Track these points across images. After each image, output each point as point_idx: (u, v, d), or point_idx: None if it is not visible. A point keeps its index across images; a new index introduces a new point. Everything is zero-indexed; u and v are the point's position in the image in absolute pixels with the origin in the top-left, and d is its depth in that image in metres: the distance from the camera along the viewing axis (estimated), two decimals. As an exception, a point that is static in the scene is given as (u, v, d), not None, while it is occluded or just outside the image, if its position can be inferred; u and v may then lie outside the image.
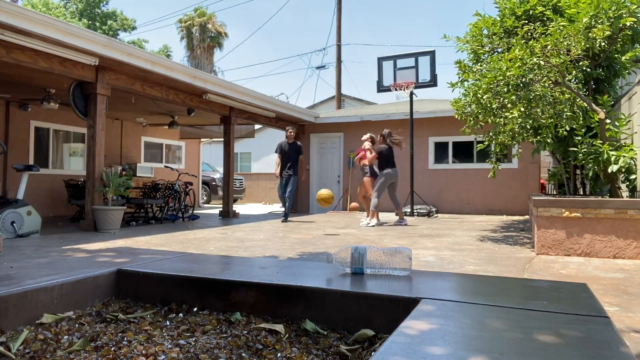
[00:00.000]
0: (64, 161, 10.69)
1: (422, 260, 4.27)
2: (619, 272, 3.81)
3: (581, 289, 1.36)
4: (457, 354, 0.82)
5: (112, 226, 6.73)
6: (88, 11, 29.76)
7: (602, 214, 4.57)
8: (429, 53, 10.21)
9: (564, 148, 6.27)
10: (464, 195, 11.36)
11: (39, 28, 5.46)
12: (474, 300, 1.21)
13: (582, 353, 0.83)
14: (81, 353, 1.12)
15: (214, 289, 1.47)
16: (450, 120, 10.09)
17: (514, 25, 6.01)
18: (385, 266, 1.52)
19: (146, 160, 12.77)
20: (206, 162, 17.82)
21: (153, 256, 1.84)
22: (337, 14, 19.12)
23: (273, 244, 5.45)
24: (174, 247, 5.21)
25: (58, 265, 1.64)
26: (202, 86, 8.40)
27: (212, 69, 29.57)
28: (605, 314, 1.09)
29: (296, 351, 1.13)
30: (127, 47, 6.78)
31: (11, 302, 1.26)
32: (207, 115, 10.64)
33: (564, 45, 4.92)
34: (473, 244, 5.56)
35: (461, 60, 6.19)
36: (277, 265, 1.71)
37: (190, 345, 1.16)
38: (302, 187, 13.25)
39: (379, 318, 1.25)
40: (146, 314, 1.44)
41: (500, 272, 3.78)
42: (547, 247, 4.74)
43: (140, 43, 31.19)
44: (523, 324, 1.00)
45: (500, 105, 5.43)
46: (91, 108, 6.88)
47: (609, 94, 6.07)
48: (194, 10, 29.57)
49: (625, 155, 4.92)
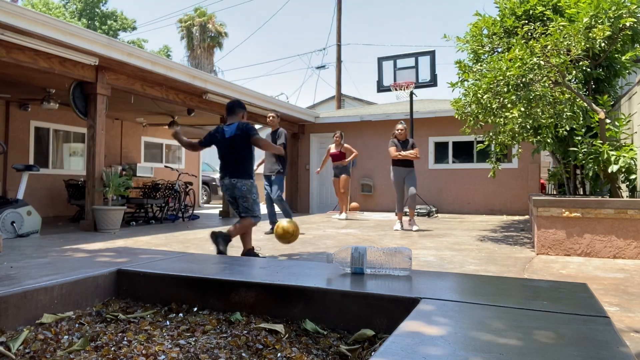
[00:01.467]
0: (64, 161, 10.69)
1: (422, 260, 4.27)
2: (619, 272, 3.81)
3: (581, 289, 1.36)
4: (457, 353, 0.82)
5: (112, 226, 6.73)
6: (88, 11, 29.76)
7: (602, 214, 4.57)
8: (429, 53, 10.21)
9: (564, 148, 6.27)
10: (464, 195, 11.36)
11: (39, 28, 5.46)
12: (474, 300, 1.21)
13: (582, 353, 0.83)
14: (81, 353, 1.12)
15: (214, 289, 1.47)
16: (450, 120, 10.09)
17: (514, 25, 6.01)
18: (385, 266, 1.52)
19: (146, 160, 12.77)
20: (206, 162, 17.81)
21: (153, 256, 1.84)
22: (337, 14, 19.12)
23: (273, 243, 5.45)
24: (174, 247, 5.21)
25: (58, 265, 1.64)
26: (202, 86, 8.40)
27: (212, 69, 29.56)
28: (605, 314, 1.09)
29: (296, 351, 1.13)
30: (127, 47, 6.78)
31: (11, 302, 1.26)
32: (207, 115, 10.64)
33: (564, 45, 4.92)
34: (473, 244, 5.56)
35: (461, 60, 6.19)
36: (277, 265, 1.71)
37: (190, 345, 1.16)
38: (302, 187, 13.25)
39: (379, 318, 1.25)
40: (146, 314, 1.44)
41: (500, 272, 3.78)
42: (547, 247, 4.73)
43: (140, 43, 31.19)
44: (523, 324, 1.00)
45: (500, 105, 5.43)
46: (91, 108, 6.88)
47: (609, 94, 6.07)
48: (194, 10, 29.57)
49: (625, 155, 4.92)
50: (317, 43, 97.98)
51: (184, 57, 29.83)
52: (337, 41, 19.25)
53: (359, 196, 12.38)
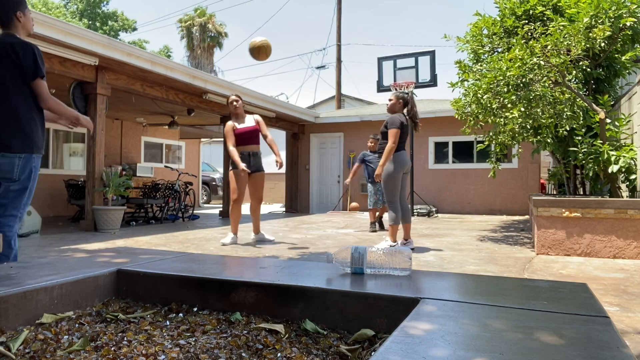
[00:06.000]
0: (64, 161, 10.69)
1: (422, 260, 4.27)
2: (619, 272, 3.81)
3: (581, 289, 1.36)
4: (457, 353, 0.82)
5: (112, 226, 6.73)
6: (89, 11, 29.76)
7: (602, 214, 4.57)
8: (429, 53, 10.21)
9: (564, 148, 6.27)
10: (464, 195, 11.36)
11: (38, 28, 5.45)
12: (474, 300, 1.21)
13: (582, 353, 0.83)
14: (81, 353, 1.12)
15: (214, 288, 1.47)
16: (450, 120, 10.09)
17: (514, 25, 6.01)
18: (385, 266, 1.52)
19: (146, 160, 12.77)
20: (206, 162, 17.82)
21: (153, 256, 1.84)
22: (337, 14, 19.12)
23: (273, 244, 5.45)
24: (174, 247, 5.21)
25: (58, 265, 1.64)
26: (202, 86, 8.40)
27: (212, 69, 29.57)
28: (605, 314, 1.09)
29: (296, 351, 1.13)
30: (127, 47, 6.78)
31: (11, 302, 1.26)
32: (207, 115, 10.64)
33: (564, 45, 4.92)
34: (473, 244, 5.56)
35: (461, 60, 6.19)
36: (277, 265, 1.71)
37: (190, 345, 1.16)
38: (302, 187, 13.25)
39: (379, 318, 1.25)
40: (146, 314, 1.44)
41: (500, 272, 3.78)
42: (547, 247, 4.73)
43: (141, 43, 31.20)
44: (523, 324, 1.00)
45: (500, 105, 5.43)
46: (91, 108, 6.88)
47: (609, 94, 6.07)
48: (194, 10, 29.58)
49: (625, 155, 4.92)
50: (317, 43, 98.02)
51: (184, 57, 29.85)
52: (337, 41, 19.25)
53: (358, 196, 12.38)
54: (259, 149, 5.46)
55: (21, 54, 2.49)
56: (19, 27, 2.62)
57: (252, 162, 5.28)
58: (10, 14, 2.58)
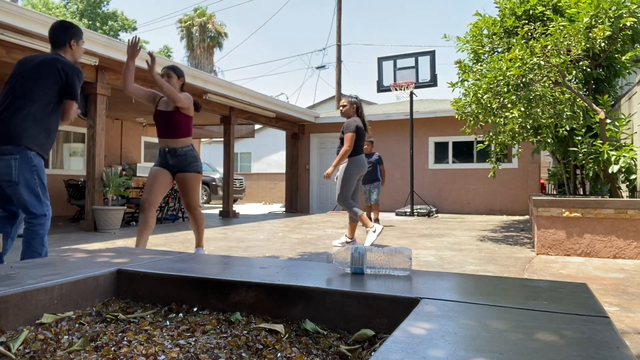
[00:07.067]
0: (64, 161, 10.69)
1: (422, 260, 4.27)
2: (619, 272, 3.81)
3: (581, 289, 1.36)
4: (457, 353, 0.82)
5: (112, 226, 6.73)
6: (89, 11, 29.77)
7: (602, 214, 4.57)
8: (429, 53, 10.21)
9: (564, 148, 6.27)
10: (464, 195, 11.36)
11: (39, 28, 5.46)
12: (474, 300, 1.21)
13: (582, 353, 0.83)
14: (81, 353, 1.12)
15: (214, 289, 1.47)
16: (450, 120, 10.09)
17: (514, 25, 6.01)
18: (385, 266, 1.52)
19: (146, 160, 12.76)
20: (206, 162, 17.81)
21: (153, 256, 1.84)
22: (337, 14, 19.12)
23: (273, 244, 5.45)
24: (174, 247, 5.21)
25: (58, 265, 1.64)
26: (202, 86, 8.40)
27: (212, 69, 29.58)
28: (605, 314, 1.09)
29: (296, 351, 1.13)
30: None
31: (11, 302, 1.26)
32: (207, 115, 10.64)
33: (564, 45, 4.92)
34: (473, 244, 5.56)
35: (461, 60, 6.19)
36: (277, 265, 1.71)
37: (190, 345, 1.16)
38: (302, 187, 13.25)
39: (379, 318, 1.25)
40: (146, 314, 1.44)
41: (500, 272, 3.78)
42: (547, 247, 4.73)
43: (141, 43, 31.21)
44: (523, 324, 1.00)
45: (500, 105, 5.43)
46: (91, 108, 6.88)
47: (609, 94, 6.07)
48: (193, 10, 29.59)
49: (625, 155, 4.92)
50: (317, 43, 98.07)
51: (184, 57, 29.86)
52: (337, 41, 19.25)
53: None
54: (188, 144, 4.12)
55: (70, 74, 2.83)
56: (69, 52, 2.99)
57: (172, 161, 4.01)
58: (65, 40, 2.95)
